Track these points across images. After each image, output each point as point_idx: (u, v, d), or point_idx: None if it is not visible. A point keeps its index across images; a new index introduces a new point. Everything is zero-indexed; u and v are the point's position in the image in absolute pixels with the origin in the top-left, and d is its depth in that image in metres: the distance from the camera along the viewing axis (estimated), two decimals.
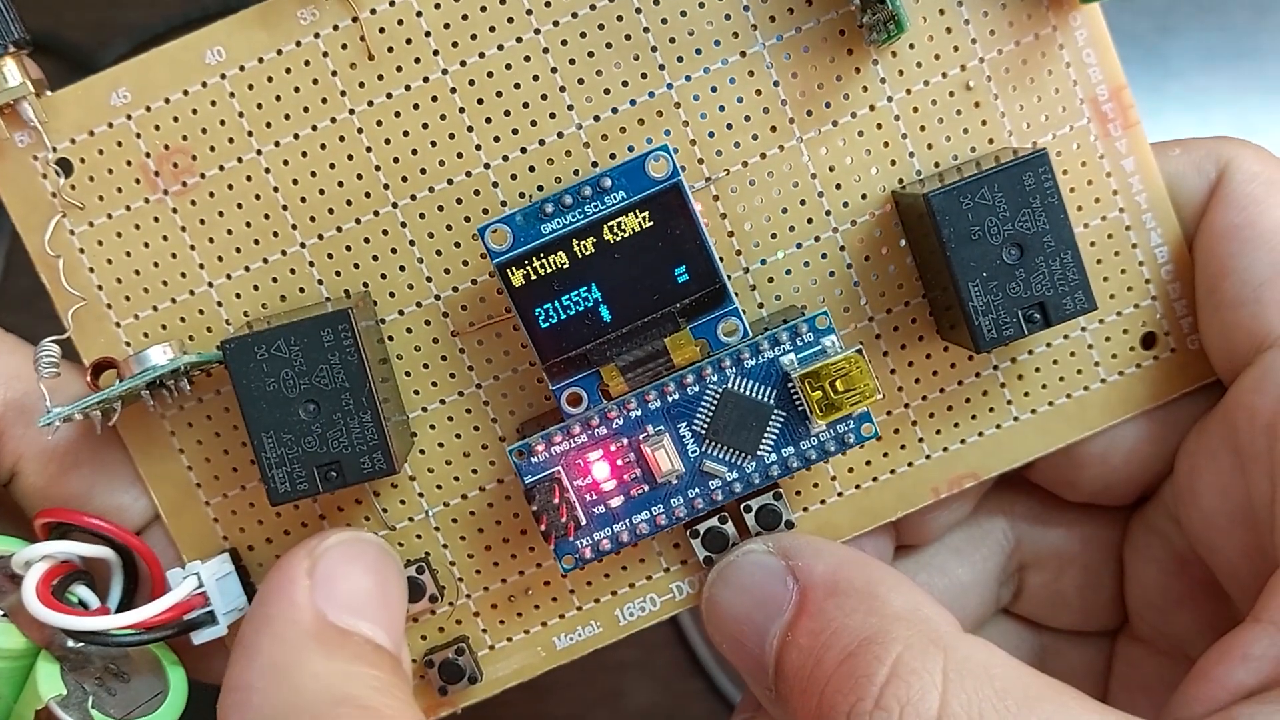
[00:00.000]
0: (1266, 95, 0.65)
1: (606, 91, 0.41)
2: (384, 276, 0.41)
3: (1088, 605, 0.47)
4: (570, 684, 0.46)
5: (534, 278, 0.38)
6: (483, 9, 0.40)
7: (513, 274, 0.38)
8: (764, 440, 0.39)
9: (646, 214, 0.38)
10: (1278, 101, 0.65)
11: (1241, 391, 0.40)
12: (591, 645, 0.44)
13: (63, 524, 0.41)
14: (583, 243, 0.38)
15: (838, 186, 0.41)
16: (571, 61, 0.40)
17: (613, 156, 0.41)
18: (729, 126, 0.41)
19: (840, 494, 0.43)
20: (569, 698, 0.44)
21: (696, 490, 0.40)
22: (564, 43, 0.40)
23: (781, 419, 0.39)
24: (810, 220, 0.42)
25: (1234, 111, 0.65)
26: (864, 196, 0.42)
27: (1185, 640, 0.44)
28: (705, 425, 0.39)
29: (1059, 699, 0.34)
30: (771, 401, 0.39)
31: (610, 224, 0.38)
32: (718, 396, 0.39)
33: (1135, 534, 0.45)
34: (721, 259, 0.39)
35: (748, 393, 0.39)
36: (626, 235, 0.38)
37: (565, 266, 0.38)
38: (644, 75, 0.41)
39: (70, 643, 0.40)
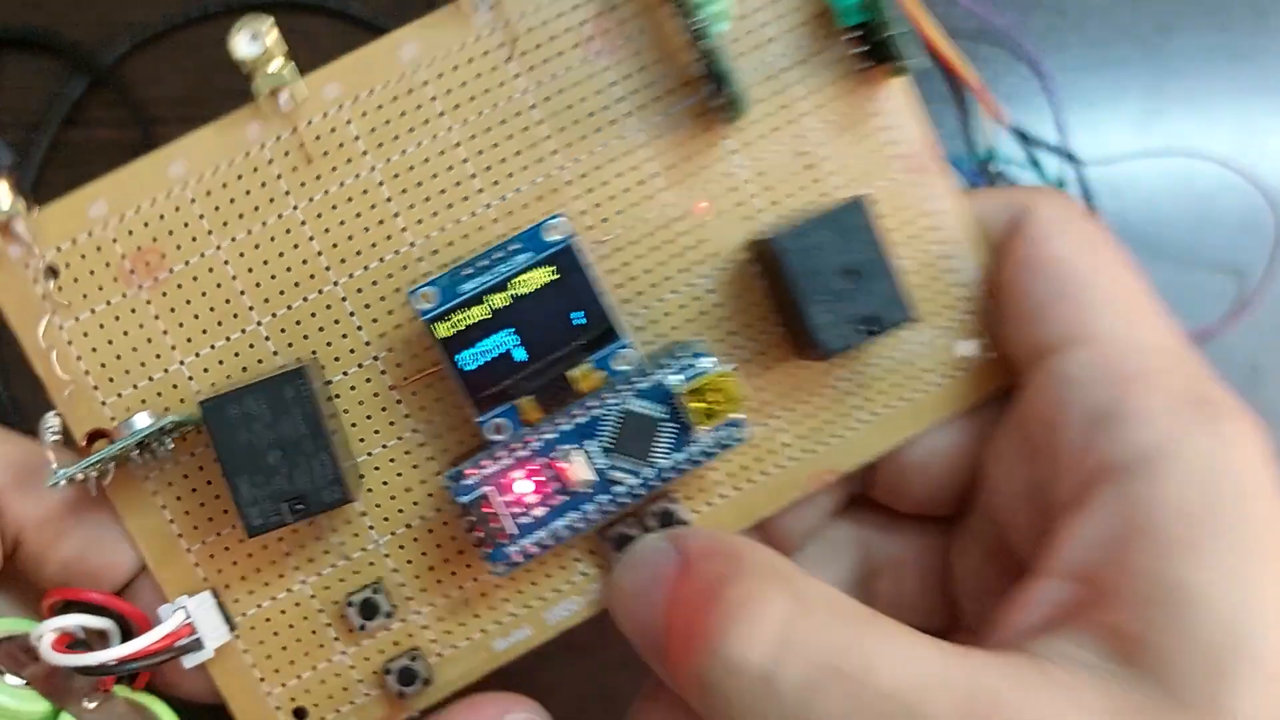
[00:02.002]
0: (1267, 96, 0.64)
1: (510, 175, 0.44)
2: (330, 344, 0.44)
3: (925, 607, 0.49)
4: (565, 683, 0.46)
5: (458, 329, 0.42)
6: (402, 114, 0.43)
7: (439, 328, 0.42)
8: (655, 448, 0.43)
9: (551, 269, 0.42)
10: (1279, 103, 0.64)
11: (1027, 392, 0.44)
12: (525, 646, 0.46)
13: (67, 601, 0.43)
14: (497, 296, 0.42)
15: (705, 241, 0.45)
16: (480, 153, 0.44)
17: (517, 227, 0.43)
18: (611, 198, 0.46)
19: (723, 496, 0.46)
20: (563, 697, 0.44)
21: (607, 496, 0.44)
22: (473, 137, 0.44)
23: (672, 430, 0.43)
24: (684, 270, 0.46)
25: (1235, 112, 0.63)
26: (729, 247, 0.46)
27: None
28: (609, 441, 0.43)
29: (889, 623, 0.39)
30: (662, 415, 0.43)
31: (518, 279, 0.41)
32: (618, 416, 0.43)
33: (959, 535, 0.48)
34: (616, 303, 0.43)
35: (641, 411, 0.43)
36: (534, 289, 0.42)
37: (485, 318, 0.42)
38: (539, 160, 0.44)
39: (87, 702, 0.43)
